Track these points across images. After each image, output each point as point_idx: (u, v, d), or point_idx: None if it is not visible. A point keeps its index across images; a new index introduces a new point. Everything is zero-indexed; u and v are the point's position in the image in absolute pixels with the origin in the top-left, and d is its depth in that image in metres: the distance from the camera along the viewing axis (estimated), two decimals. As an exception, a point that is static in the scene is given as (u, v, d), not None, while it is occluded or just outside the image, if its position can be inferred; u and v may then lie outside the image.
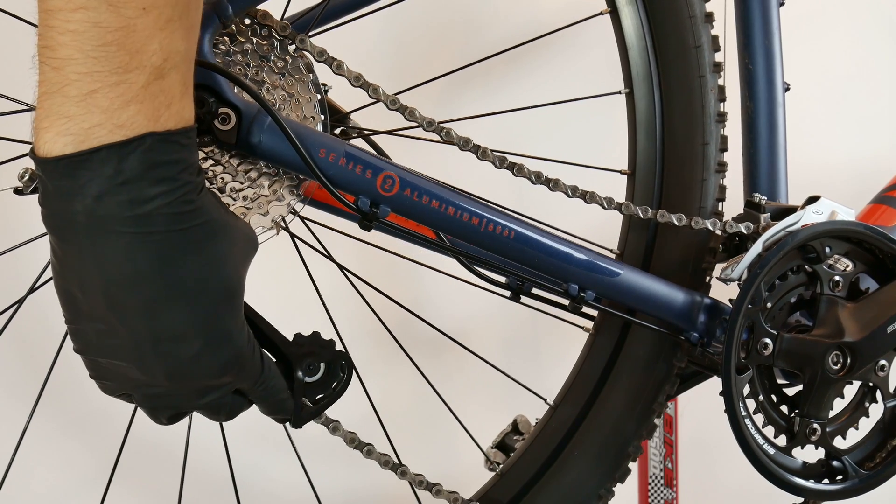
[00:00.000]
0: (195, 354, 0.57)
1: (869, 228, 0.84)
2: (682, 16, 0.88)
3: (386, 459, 0.82)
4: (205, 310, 0.56)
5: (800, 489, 0.83)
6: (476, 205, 0.76)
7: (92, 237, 0.53)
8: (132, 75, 0.51)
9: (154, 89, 0.52)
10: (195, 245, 0.55)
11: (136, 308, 0.54)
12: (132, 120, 0.51)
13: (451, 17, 1.33)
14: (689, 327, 0.84)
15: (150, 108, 0.52)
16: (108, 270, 0.53)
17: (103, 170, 0.51)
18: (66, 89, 0.50)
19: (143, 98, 0.51)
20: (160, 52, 0.52)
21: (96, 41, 0.49)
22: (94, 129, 0.51)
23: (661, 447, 1.38)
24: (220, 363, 0.58)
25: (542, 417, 0.93)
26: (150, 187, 0.52)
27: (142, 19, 0.50)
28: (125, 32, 0.50)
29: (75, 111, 0.50)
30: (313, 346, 0.71)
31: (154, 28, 0.51)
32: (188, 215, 0.55)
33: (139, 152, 0.52)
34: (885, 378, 0.85)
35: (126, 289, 0.54)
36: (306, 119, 0.75)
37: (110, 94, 0.50)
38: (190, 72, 0.55)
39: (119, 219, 0.52)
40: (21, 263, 0.84)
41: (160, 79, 0.52)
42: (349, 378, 0.72)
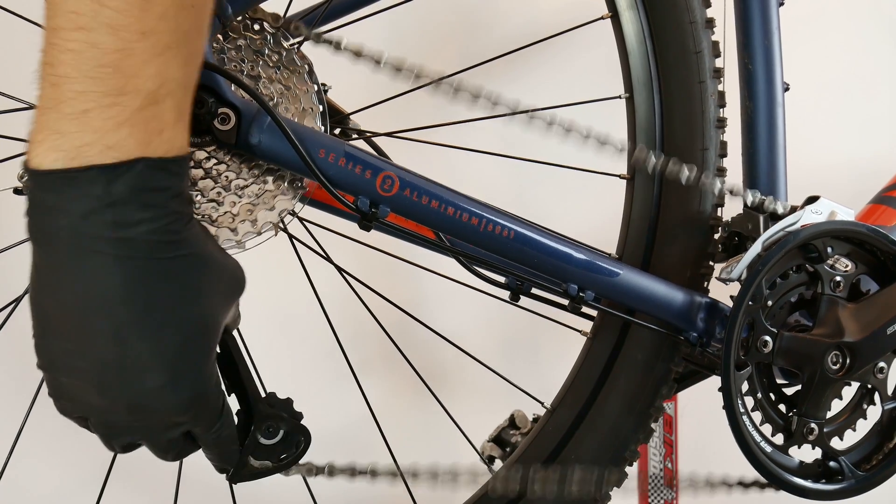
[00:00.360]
0: (158, 387, 0.56)
1: (869, 228, 0.84)
2: (682, 21, 0.89)
3: (392, 471, 0.82)
4: (174, 343, 0.56)
5: (796, 488, 0.83)
6: (475, 205, 0.76)
7: (72, 253, 0.53)
8: (126, 98, 0.51)
9: (147, 114, 0.52)
10: (174, 276, 0.55)
11: (105, 331, 0.54)
12: (123, 143, 0.52)
13: (452, 21, 1.34)
14: (689, 327, 0.85)
15: (141, 133, 0.52)
16: (83, 289, 0.53)
17: (91, 189, 0.51)
18: (62, 106, 0.51)
19: (135, 122, 0.52)
20: (155, 78, 0.52)
21: (94, 62, 0.50)
22: (85, 148, 0.51)
23: (661, 447, 1.38)
24: (181, 401, 0.58)
25: (539, 421, 0.93)
26: (136, 212, 0.53)
27: (140, 43, 0.51)
28: (122, 55, 0.50)
29: (68, 128, 0.51)
30: (281, 411, 0.71)
31: (151, 53, 0.51)
32: (171, 245, 0.55)
33: (128, 176, 0.52)
34: (883, 380, 0.86)
35: (97, 310, 0.54)
36: (304, 111, 0.75)
37: (103, 114, 0.51)
38: (187, 99, 0.55)
39: (102, 239, 0.52)
40: (20, 262, 0.84)
41: (154, 104, 0.52)
42: (300, 455, 0.72)
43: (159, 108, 0.53)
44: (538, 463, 0.90)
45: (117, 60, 0.50)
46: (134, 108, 0.51)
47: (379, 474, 0.82)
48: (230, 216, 0.74)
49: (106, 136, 0.51)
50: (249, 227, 0.74)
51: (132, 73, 0.51)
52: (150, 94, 0.52)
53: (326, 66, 0.80)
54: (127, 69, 0.51)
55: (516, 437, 0.99)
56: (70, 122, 0.51)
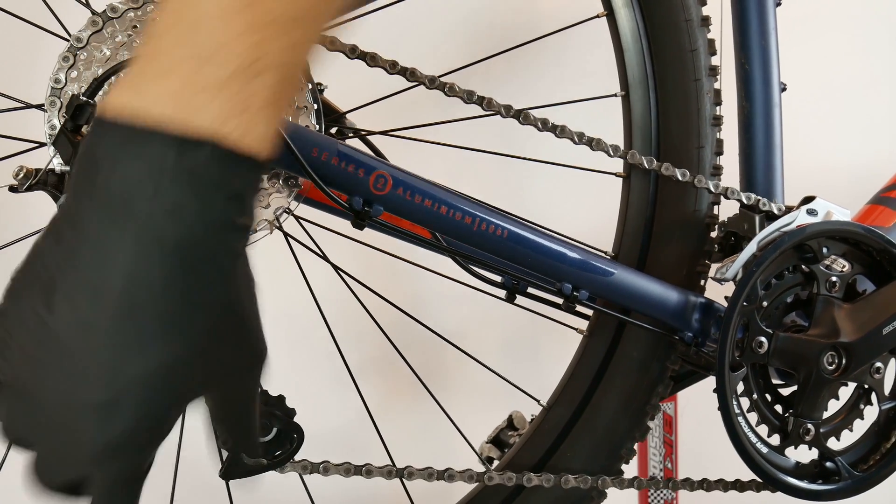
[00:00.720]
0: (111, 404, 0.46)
1: (865, 229, 0.84)
2: (678, 19, 0.89)
3: (389, 469, 0.82)
4: (160, 373, 0.46)
5: (792, 488, 0.83)
6: (469, 204, 0.76)
7: (112, 220, 0.45)
8: (213, 66, 0.45)
9: (232, 88, 0.45)
10: (200, 294, 0.47)
11: (105, 316, 0.45)
12: (198, 111, 0.45)
13: (449, 19, 1.34)
14: (684, 327, 0.84)
15: (220, 107, 0.45)
16: (105, 265, 0.45)
17: (149, 154, 0.45)
18: (146, 62, 0.46)
19: (217, 92, 0.45)
20: (251, 51, 0.45)
21: (189, 20, 0.45)
22: (157, 109, 0.45)
23: (661, 447, 1.38)
24: (121, 432, 0.47)
25: (536, 419, 0.93)
26: (186, 196, 0.45)
27: (241, 14, 0.45)
28: (221, 21, 0.45)
29: (147, 85, 0.46)
30: (274, 408, 0.71)
31: (252, 24, 0.45)
32: (219, 258, 0.47)
33: (192, 154, 0.45)
34: (880, 380, 0.85)
35: (110, 292, 0.45)
36: (298, 109, 0.75)
37: (185, 78, 0.45)
38: (281, 97, 0.47)
39: (149, 213, 0.44)
40: (16, 261, 0.85)
41: (244, 79, 0.45)
42: (294, 452, 0.72)
43: (248, 85, 0.45)
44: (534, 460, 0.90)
45: (213, 25, 0.45)
46: (220, 76, 0.45)
47: (374, 472, 0.82)
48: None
49: (181, 101, 0.45)
50: (244, 226, 0.74)
51: (225, 40, 0.45)
52: (242, 67, 0.45)
53: (324, 65, 0.80)
54: (221, 35, 0.45)
55: (514, 437, 0.99)
56: (150, 81, 0.46)
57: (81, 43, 0.71)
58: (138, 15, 0.72)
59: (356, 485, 0.98)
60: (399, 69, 0.79)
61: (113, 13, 0.72)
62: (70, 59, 0.71)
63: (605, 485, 0.88)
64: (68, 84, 0.71)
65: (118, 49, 0.71)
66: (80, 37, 0.71)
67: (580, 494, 0.89)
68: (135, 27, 0.72)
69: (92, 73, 0.71)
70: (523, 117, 0.83)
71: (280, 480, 0.82)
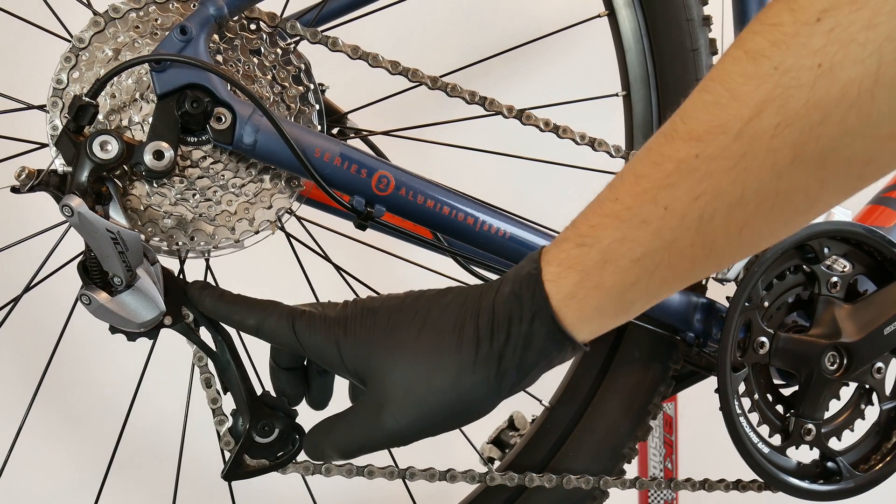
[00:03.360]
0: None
1: (866, 229, 0.84)
2: (679, 19, 0.89)
3: (391, 470, 0.82)
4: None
5: (794, 488, 0.83)
6: (471, 205, 0.76)
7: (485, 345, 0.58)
8: (585, 248, 0.56)
9: (584, 269, 0.55)
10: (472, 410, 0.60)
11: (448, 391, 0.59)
12: (562, 282, 0.56)
13: (450, 19, 1.34)
14: (685, 327, 0.84)
15: (577, 277, 0.56)
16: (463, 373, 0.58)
17: (525, 303, 0.57)
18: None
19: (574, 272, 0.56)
20: (617, 245, 0.54)
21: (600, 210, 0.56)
22: (552, 272, 0.57)
23: (661, 447, 1.38)
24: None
25: (538, 418, 0.93)
26: (536, 356, 0.58)
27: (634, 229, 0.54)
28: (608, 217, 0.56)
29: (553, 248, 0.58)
30: (276, 409, 0.71)
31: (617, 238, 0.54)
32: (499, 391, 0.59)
33: (538, 313, 0.57)
34: (881, 380, 0.85)
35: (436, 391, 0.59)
36: (301, 111, 0.75)
37: (567, 250, 0.56)
38: (610, 309, 0.57)
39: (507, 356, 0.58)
40: (18, 261, 0.85)
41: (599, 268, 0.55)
42: (296, 453, 0.72)
43: (594, 275, 0.55)
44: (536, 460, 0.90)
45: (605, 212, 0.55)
46: (585, 260, 0.55)
47: (376, 473, 0.82)
48: (227, 215, 0.74)
49: (556, 271, 0.57)
50: (247, 226, 0.74)
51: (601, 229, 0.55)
52: (602, 258, 0.55)
53: (324, 65, 0.80)
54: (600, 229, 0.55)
55: (515, 438, 0.99)
56: (554, 244, 0.58)
57: (83, 43, 0.71)
58: (140, 15, 0.72)
59: (358, 485, 0.98)
60: (401, 69, 0.79)
61: (115, 13, 0.71)
62: (72, 60, 0.71)
63: (607, 485, 0.88)
64: (70, 84, 0.71)
65: (120, 49, 0.71)
66: (82, 37, 0.71)
67: (582, 494, 0.89)
68: (137, 27, 0.72)
69: (94, 74, 0.71)
70: (525, 117, 0.83)
71: (282, 481, 0.82)
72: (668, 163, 0.51)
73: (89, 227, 0.64)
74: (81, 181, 0.65)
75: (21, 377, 1.19)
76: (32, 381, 0.84)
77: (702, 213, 0.51)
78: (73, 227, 0.65)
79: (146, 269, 0.67)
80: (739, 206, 0.50)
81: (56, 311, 0.84)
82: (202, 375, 0.74)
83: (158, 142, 0.67)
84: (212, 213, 0.73)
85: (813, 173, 0.48)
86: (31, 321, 0.99)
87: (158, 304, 0.68)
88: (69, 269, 0.72)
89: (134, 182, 0.71)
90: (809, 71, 0.46)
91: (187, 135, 0.70)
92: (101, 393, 1.25)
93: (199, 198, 0.73)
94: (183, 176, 0.72)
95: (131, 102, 0.71)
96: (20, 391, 1.13)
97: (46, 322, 0.91)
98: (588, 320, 0.57)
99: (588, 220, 0.56)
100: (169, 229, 0.73)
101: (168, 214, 0.72)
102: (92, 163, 0.65)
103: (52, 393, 1.19)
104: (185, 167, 0.72)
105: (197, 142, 0.70)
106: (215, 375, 0.74)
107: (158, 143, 0.67)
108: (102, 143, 0.66)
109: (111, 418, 0.91)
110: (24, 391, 0.85)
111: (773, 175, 0.48)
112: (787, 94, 0.46)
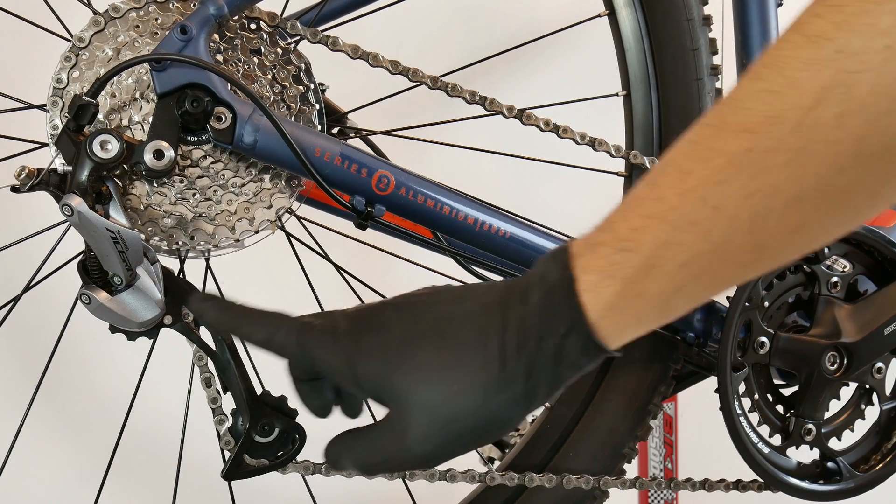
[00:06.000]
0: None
1: (866, 229, 0.84)
2: (679, 19, 0.89)
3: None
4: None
5: (794, 488, 0.83)
6: (472, 204, 0.76)
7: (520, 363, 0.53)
8: (626, 254, 0.51)
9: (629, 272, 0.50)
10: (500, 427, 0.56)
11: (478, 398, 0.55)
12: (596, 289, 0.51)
13: (450, 19, 1.34)
14: (686, 327, 0.84)
15: (616, 285, 0.51)
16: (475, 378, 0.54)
17: (559, 312, 0.52)
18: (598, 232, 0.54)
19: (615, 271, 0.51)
20: (660, 252, 0.49)
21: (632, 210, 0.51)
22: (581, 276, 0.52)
23: (661, 447, 1.38)
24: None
25: (538, 418, 0.93)
26: (567, 370, 0.53)
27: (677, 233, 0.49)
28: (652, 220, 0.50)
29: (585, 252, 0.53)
30: (276, 409, 0.71)
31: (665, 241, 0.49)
32: (530, 403, 0.55)
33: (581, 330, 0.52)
34: (881, 380, 0.85)
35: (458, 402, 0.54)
36: (301, 111, 0.75)
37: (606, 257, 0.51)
38: (651, 316, 0.52)
39: (540, 367, 0.53)
40: (18, 261, 0.85)
41: (638, 274, 0.50)
42: (296, 453, 0.72)
43: (639, 282, 0.50)
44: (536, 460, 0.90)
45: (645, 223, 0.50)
46: (626, 267, 0.50)
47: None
48: (227, 214, 0.74)
49: (593, 280, 0.51)
50: (247, 226, 0.74)
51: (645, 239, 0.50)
52: (645, 262, 0.50)
53: (324, 65, 0.80)
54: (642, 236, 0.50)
55: (514, 438, 0.99)
56: (586, 248, 0.53)
57: (84, 43, 0.71)
58: (140, 15, 0.72)
59: (358, 485, 0.98)
60: (401, 69, 0.79)
61: (115, 13, 0.71)
62: (72, 59, 0.71)
63: (607, 485, 0.88)
64: (70, 84, 0.71)
65: (120, 49, 0.71)
66: (83, 36, 0.71)
67: (582, 494, 0.89)
68: (137, 27, 0.72)
69: (94, 73, 0.71)
70: (525, 117, 0.83)
71: (282, 481, 0.82)
72: (717, 158, 0.47)
73: (89, 226, 0.64)
74: (81, 180, 0.65)
75: (21, 377, 1.19)
76: (32, 381, 0.84)
77: (754, 212, 0.46)
78: (73, 227, 0.65)
79: (146, 268, 0.67)
80: (796, 204, 0.46)
81: (56, 310, 0.84)
82: (202, 375, 0.74)
83: (158, 141, 0.67)
84: (212, 212, 0.73)
85: (877, 168, 0.44)
86: (31, 321, 0.99)
87: (158, 304, 0.68)
88: (69, 269, 0.72)
89: (134, 181, 0.71)
90: (877, 53, 0.41)
91: (187, 134, 0.70)
92: (101, 393, 1.25)
93: (200, 197, 0.73)
94: (183, 175, 0.72)
95: (131, 102, 0.71)
96: (20, 391, 1.13)
97: (46, 322, 0.91)
98: (627, 329, 0.53)
99: (628, 222, 0.51)
100: (169, 229, 0.73)
101: (168, 214, 0.72)
102: (92, 162, 0.65)
103: (52, 393, 1.19)
104: (185, 166, 0.72)
105: (197, 141, 0.70)
106: (215, 375, 0.73)
107: (158, 143, 0.67)
108: (102, 143, 0.66)
109: (111, 418, 0.91)
110: (24, 391, 0.85)
111: (834, 171, 0.44)
112: (852, 80, 0.42)
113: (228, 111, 0.69)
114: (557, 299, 0.52)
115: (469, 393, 0.54)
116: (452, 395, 0.54)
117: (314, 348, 0.58)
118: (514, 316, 0.54)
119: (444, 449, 0.56)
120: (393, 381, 0.56)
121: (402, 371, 0.56)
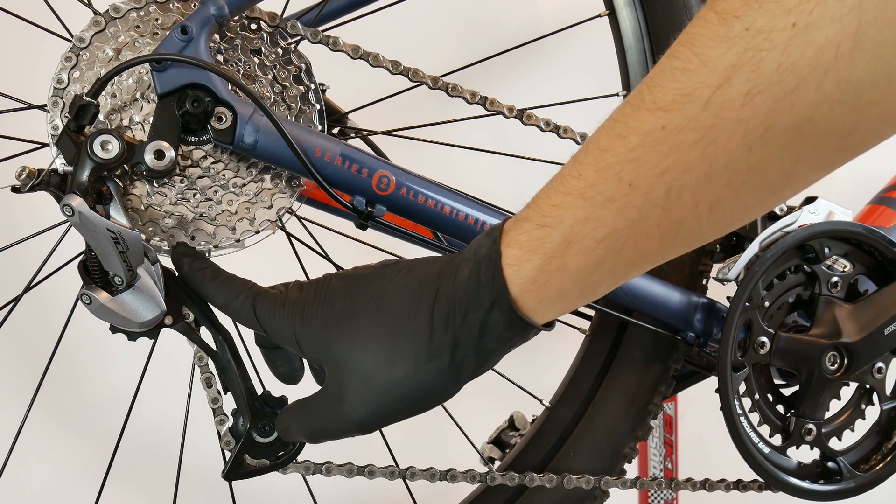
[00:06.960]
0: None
1: (866, 229, 0.84)
2: (680, 19, 0.89)
3: (392, 470, 0.82)
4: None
5: (794, 488, 0.82)
6: (472, 204, 0.76)
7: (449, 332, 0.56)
8: (547, 230, 0.53)
9: (548, 248, 0.53)
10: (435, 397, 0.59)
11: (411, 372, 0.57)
12: (517, 261, 0.54)
13: (450, 19, 1.34)
14: (686, 327, 0.84)
15: (539, 260, 0.53)
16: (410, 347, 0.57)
17: (480, 282, 0.55)
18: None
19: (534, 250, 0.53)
20: (579, 225, 0.51)
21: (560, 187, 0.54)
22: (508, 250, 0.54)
23: (661, 447, 1.38)
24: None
25: (538, 418, 0.93)
26: (492, 341, 0.56)
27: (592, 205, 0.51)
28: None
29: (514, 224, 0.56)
30: (276, 409, 0.71)
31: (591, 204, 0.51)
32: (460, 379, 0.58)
33: (493, 296, 0.54)
34: (881, 380, 0.85)
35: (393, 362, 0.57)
36: (302, 111, 0.75)
37: (527, 230, 0.54)
38: (574, 292, 0.54)
39: (466, 339, 0.56)
40: (18, 261, 0.85)
41: (561, 252, 0.52)
42: (296, 453, 0.72)
43: (560, 256, 0.52)
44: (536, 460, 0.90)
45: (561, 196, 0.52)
46: (547, 242, 0.52)
47: (377, 473, 0.82)
48: (228, 214, 0.74)
49: (516, 254, 0.54)
50: (248, 226, 0.74)
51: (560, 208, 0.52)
52: (565, 237, 0.52)
53: (324, 65, 0.80)
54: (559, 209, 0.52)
55: (515, 438, 0.99)
56: (514, 224, 0.55)
57: (84, 43, 0.71)
58: (141, 15, 0.72)
59: (359, 486, 0.98)
60: (401, 69, 0.79)
61: (116, 13, 0.71)
62: (73, 59, 0.71)
63: (607, 485, 0.88)
64: (71, 84, 0.71)
65: (121, 49, 0.71)
66: (83, 37, 0.71)
67: (583, 494, 0.89)
68: (137, 27, 0.72)
69: (95, 73, 0.71)
70: (526, 117, 0.83)
71: (282, 481, 0.82)
72: (633, 135, 0.48)
73: (90, 226, 0.64)
74: (82, 181, 0.65)
75: (21, 377, 1.19)
76: (33, 381, 0.84)
77: (668, 189, 0.47)
78: (73, 227, 0.65)
79: (147, 268, 0.67)
80: (708, 182, 0.46)
81: (56, 311, 0.84)
82: (203, 375, 0.74)
83: (159, 141, 0.67)
84: (212, 212, 0.73)
85: (787, 146, 0.44)
86: (32, 321, 0.99)
87: (159, 304, 0.68)
88: (69, 269, 0.72)
89: (135, 182, 0.71)
90: (782, 31, 0.42)
91: (188, 134, 0.70)
92: (102, 393, 1.25)
93: (200, 197, 0.73)
94: (183, 175, 0.72)
95: (132, 102, 0.71)
96: (20, 391, 1.13)
97: (47, 322, 0.91)
98: (550, 304, 0.54)
99: (550, 199, 0.53)
100: (169, 229, 0.73)
101: (169, 214, 0.72)
102: (93, 162, 0.65)
103: (52, 393, 1.19)
104: (185, 167, 0.72)
105: (198, 141, 0.70)
106: (216, 375, 0.74)
107: (159, 143, 0.67)
108: (103, 143, 0.66)
109: (112, 418, 0.91)
110: (25, 391, 0.85)
111: (743, 148, 0.45)
112: (759, 58, 0.42)
113: (229, 111, 0.69)
114: (484, 273, 0.54)
115: (399, 362, 0.56)
116: (384, 363, 0.56)
117: (264, 314, 0.62)
118: (445, 288, 0.56)
119: (378, 416, 0.58)
120: (332, 349, 0.58)
121: (340, 340, 0.58)
